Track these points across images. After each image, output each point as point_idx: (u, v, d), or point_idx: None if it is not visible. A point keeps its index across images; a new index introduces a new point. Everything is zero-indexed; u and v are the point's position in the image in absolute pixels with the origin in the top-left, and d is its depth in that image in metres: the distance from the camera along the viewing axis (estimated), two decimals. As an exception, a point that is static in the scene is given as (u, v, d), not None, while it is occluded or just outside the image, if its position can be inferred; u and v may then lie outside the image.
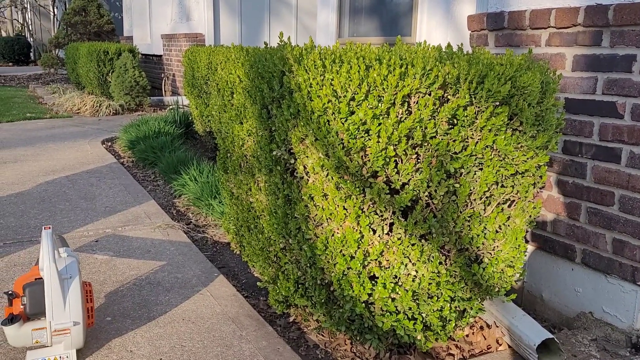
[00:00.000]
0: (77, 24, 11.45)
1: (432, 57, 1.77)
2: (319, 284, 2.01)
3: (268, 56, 2.19)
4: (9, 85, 12.18)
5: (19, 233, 3.11)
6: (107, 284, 2.51)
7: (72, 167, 4.68)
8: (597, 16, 2.10)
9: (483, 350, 2.12)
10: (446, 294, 1.86)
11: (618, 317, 2.16)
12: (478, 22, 2.63)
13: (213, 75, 3.65)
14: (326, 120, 1.77)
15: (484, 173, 1.79)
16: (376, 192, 1.74)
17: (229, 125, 2.73)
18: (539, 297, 2.49)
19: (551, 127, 1.90)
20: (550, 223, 2.40)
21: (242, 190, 2.64)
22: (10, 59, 20.67)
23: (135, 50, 8.11)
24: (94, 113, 7.80)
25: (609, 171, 2.13)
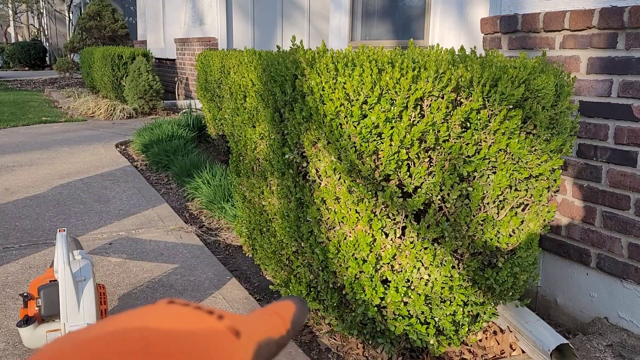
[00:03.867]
0: (91, 28, 11.57)
1: (445, 60, 1.77)
2: (331, 288, 2.01)
3: (280, 60, 2.19)
4: (25, 89, 12.34)
5: (34, 235, 3.14)
6: (120, 286, 2.53)
7: (86, 171, 4.72)
8: (612, 18, 2.08)
9: (496, 355, 2.10)
10: (459, 298, 1.85)
11: (634, 322, 2.13)
12: (491, 25, 2.62)
13: (226, 79, 3.67)
14: (338, 124, 1.77)
15: (497, 177, 1.78)
16: (388, 195, 1.74)
17: (242, 129, 2.74)
18: (553, 302, 2.47)
19: (565, 130, 1.88)
20: (564, 227, 2.38)
21: (254, 193, 2.65)
22: (26, 63, 20.94)
23: (149, 55, 8.18)
24: (108, 117, 7.87)
25: (624, 175, 2.11)
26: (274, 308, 0.34)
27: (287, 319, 0.34)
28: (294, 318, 0.34)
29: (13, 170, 4.68)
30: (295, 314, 0.34)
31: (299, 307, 0.35)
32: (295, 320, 0.34)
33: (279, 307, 0.34)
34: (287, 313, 0.34)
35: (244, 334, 0.29)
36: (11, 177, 4.43)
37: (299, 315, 0.35)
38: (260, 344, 0.30)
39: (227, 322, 0.29)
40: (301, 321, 0.35)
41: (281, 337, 0.32)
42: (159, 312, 0.28)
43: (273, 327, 0.32)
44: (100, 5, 11.74)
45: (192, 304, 0.29)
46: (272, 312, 0.33)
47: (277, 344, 0.32)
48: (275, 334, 0.32)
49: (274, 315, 0.33)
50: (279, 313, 0.34)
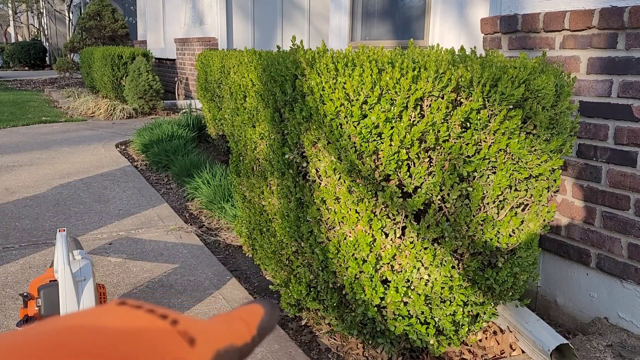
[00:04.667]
0: (91, 28, 11.58)
1: (445, 60, 1.77)
2: (331, 288, 2.01)
3: (280, 60, 2.19)
4: (25, 89, 12.34)
5: (34, 235, 3.14)
6: (120, 286, 2.53)
7: (86, 171, 4.72)
8: (612, 18, 2.08)
9: (496, 355, 2.10)
10: (459, 299, 1.85)
11: (634, 322, 2.13)
12: (491, 25, 2.62)
13: (226, 79, 3.67)
14: (338, 124, 1.77)
15: (497, 177, 1.78)
16: (388, 195, 1.74)
17: (242, 129, 2.74)
18: (553, 302, 2.47)
19: (565, 130, 1.88)
20: (564, 227, 2.38)
21: (254, 193, 2.65)
22: (26, 63, 20.94)
23: (149, 55, 8.18)
24: (108, 117, 7.87)
25: (624, 175, 2.11)
26: (240, 312, 0.32)
27: (253, 325, 0.31)
28: (261, 323, 0.32)
29: (13, 170, 4.68)
30: (262, 319, 0.32)
31: (267, 312, 0.33)
32: (262, 325, 0.32)
33: (245, 311, 0.32)
34: (253, 318, 0.32)
35: (200, 341, 0.27)
36: (11, 177, 4.42)
37: (267, 321, 0.32)
38: (219, 351, 0.28)
39: (181, 328, 0.27)
40: (269, 327, 0.33)
41: (245, 345, 0.30)
42: (107, 312, 0.27)
43: (236, 333, 0.30)
44: (100, 5, 11.75)
45: (146, 305, 0.27)
46: (237, 317, 0.31)
47: (239, 352, 0.30)
48: (238, 341, 0.30)
49: (238, 320, 0.31)
50: (245, 318, 0.32)
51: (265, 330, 0.32)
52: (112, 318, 0.26)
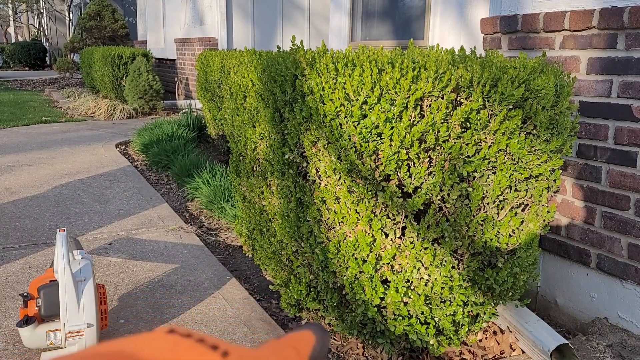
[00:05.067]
0: (92, 28, 11.58)
1: (445, 61, 1.77)
2: (331, 288, 2.01)
3: (281, 60, 2.19)
4: (25, 89, 12.34)
5: (34, 235, 3.14)
6: (120, 286, 2.53)
7: (86, 171, 4.72)
8: (612, 19, 2.08)
9: (496, 355, 2.10)
10: (459, 299, 1.85)
11: (634, 322, 2.13)
12: (491, 25, 2.62)
13: (226, 79, 3.67)
14: (338, 124, 1.77)
15: (497, 177, 1.78)
16: (388, 195, 1.74)
17: (242, 129, 2.74)
18: (553, 302, 2.47)
19: (565, 130, 1.89)
20: (564, 227, 2.38)
21: (254, 193, 2.65)
22: (26, 63, 20.94)
23: (149, 55, 8.18)
24: (108, 117, 7.87)
25: (624, 175, 2.11)
26: (290, 340, 0.31)
27: (304, 354, 0.30)
28: (313, 352, 0.30)
29: (13, 170, 4.68)
30: (314, 348, 0.30)
31: (319, 340, 0.31)
32: (313, 355, 0.30)
33: (296, 339, 0.31)
34: (305, 346, 0.30)
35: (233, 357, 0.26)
36: (11, 177, 4.43)
37: (318, 350, 0.30)
38: None
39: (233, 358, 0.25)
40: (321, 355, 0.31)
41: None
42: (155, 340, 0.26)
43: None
44: (101, 5, 11.75)
45: (195, 334, 0.26)
46: (287, 345, 0.30)
47: None
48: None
49: (290, 349, 0.30)
50: (296, 346, 0.30)
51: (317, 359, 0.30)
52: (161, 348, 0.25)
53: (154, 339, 0.26)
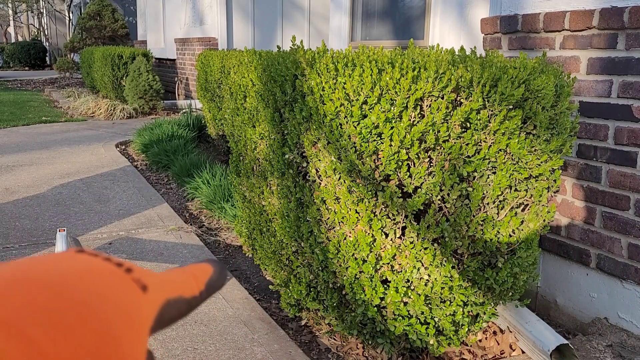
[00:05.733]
0: (91, 28, 11.58)
1: (445, 61, 1.77)
2: (331, 288, 2.01)
3: (281, 60, 2.19)
4: (25, 89, 12.34)
5: (34, 235, 3.14)
6: (120, 286, 2.53)
7: (86, 170, 4.72)
8: (612, 19, 2.08)
9: (496, 355, 2.10)
10: (459, 299, 1.85)
11: (634, 323, 2.13)
12: (491, 25, 2.62)
13: (226, 79, 3.67)
14: (338, 124, 1.77)
15: (497, 177, 1.78)
16: (388, 195, 1.74)
17: (242, 129, 2.74)
18: (553, 302, 2.47)
19: (565, 130, 1.89)
20: (564, 227, 2.38)
21: (254, 193, 2.65)
22: (26, 63, 20.94)
23: (149, 55, 8.18)
24: (108, 116, 7.87)
25: (624, 175, 2.11)
26: (191, 269, 0.34)
27: (202, 281, 0.34)
28: (210, 281, 0.34)
29: (13, 170, 4.68)
30: (211, 277, 0.34)
31: (216, 272, 0.35)
32: (210, 283, 0.34)
33: (195, 268, 0.35)
34: (203, 275, 0.34)
35: (151, 289, 0.29)
36: (11, 177, 4.43)
37: (215, 280, 0.35)
38: (169, 300, 0.30)
39: (135, 275, 0.29)
40: (217, 285, 0.35)
41: (193, 298, 0.33)
42: (67, 256, 0.28)
43: (186, 287, 0.33)
44: (100, 5, 11.75)
45: (102, 254, 0.29)
46: (188, 273, 0.34)
47: (188, 304, 0.32)
48: (187, 294, 0.32)
49: (189, 275, 0.33)
50: (195, 274, 0.34)
51: (213, 287, 0.34)
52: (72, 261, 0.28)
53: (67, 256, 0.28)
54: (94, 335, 0.25)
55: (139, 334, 0.27)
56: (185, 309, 0.32)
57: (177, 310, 0.31)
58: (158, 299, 0.30)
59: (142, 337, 0.28)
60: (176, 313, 0.31)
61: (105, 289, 0.27)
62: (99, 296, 0.26)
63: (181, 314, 0.32)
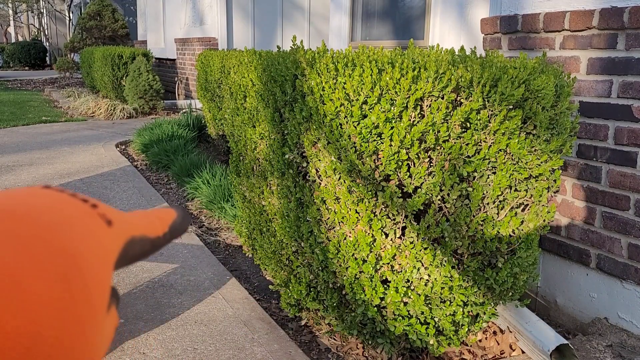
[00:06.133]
0: (92, 28, 11.58)
1: (445, 61, 1.77)
2: (331, 288, 2.01)
3: (281, 60, 2.19)
4: (25, 89, 12.34)
5: (34, 235, 3.14)
6: (120, 286, 2.53)
7: (86, 170, 4.72)
8: (612, 19, 2.08)
9: (496, 355, 2.10)
10: (459, 299, 1.85)
11: (634, 323, 2.13)
12: (491, 25, 2.62)
13: (226, 79, 3.67)
14: (338, 124, 1.77)
15: (497, 177, 1.78)
16: (388, 195, 1.74)
17: (242, 129, 2.74)
18: (553, 302, 2.47)
19: (565, 130, 1.89)
20: (564, 227, 2.38)
21: (254, 193, 2.65)
22: (26, 63, 20.94)
23: (149, 55, 8.18)
24: (108, 116, 7.87)
25: (624, 175, 2.11)
26: (155, 212, 0.36)
27: (166, 223, 0.35)
28: (173, 224, 0.36)
29: (13, 170, 4.68)
30: (175, 221, 0.36)
31: (180, 216, 0.37)
32: (174, 226, 0.36)
33: (160, 212, 0.36)
34: (167, 218, 0.36)
35: (116, 225, 0.30)
36: (11, 177, 4.43)
37: (178, 223, 0.36)
38: (134, 237, 0.32)
39: (100, 211, 0.30)
40: (180, 229, 0.36)
41: (157, 238, 0.34)
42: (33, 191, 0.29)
43: (151, 227, 0.34)
44: (101, 5, 11.75)
45: (68, 190, 0.30)
46: (152, 215, 0.35)
47: (152, 244, 0.34)
48: (151, 234, 0.34)
49: (153, 217, 0.35)
50: (160, 217, 0.35)
51: (176, 230, 0.36)
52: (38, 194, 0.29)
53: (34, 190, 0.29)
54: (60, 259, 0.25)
55: (104, 265, 0.28)
56: (149, 248, 0.33)
57: (141, 249, 0.33)
58: (122, 235, 0.31)
59: (106, 268, 0.28)
60: (140, 251, 0.33)
61: (71, 219, 0.27)
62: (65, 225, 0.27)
63: (145, 252, 0.33)
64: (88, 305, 0.26)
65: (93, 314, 0.26)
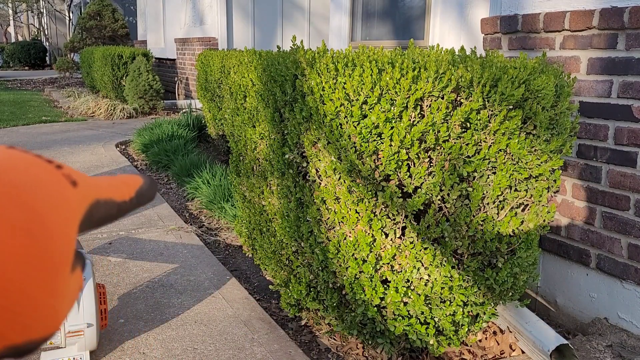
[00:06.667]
0: (92, 28, 11.58)
1: (445, 61, 1.77)
2: (331, 288, 2.01)
3: (281, 60, 2.19)
4: (25, 88, 12.34)
5: (34, 235, 3.14)
6: (120, 286, 2.53)
7: (86, 170, 4.72)
8: (612, 19, 2.08)
9: (496, 355, 2.10)
10: (459, 299, 1.85)
11: (634, 323, 2.13)
12: (491, 25, 2.62)
13: (226, 79, 3.67)
14: (338, 124, 1.77)
15: (497, 177, 1.78)
16: (388, 195, 1.74)
17: (242, 129, 2.74)
18: (553, 303, 2.47)
19: (565, 130, 1.89)
20: (564, 228, 2.38)
21: (254, 193, 2.65)
22: (26, 63, 20.94)
23: (149, 54, 8.17)
24: (108, 116, 7.87)
25: (624, 175, 2.11)
26: (122, 177, 0.36)
27: (132, 189, 0.36)
28: (140, 190, 0.36)
29: (13, 169, 4.67)
30: (142, 187, 0.37)
31: (146, 182, 0.37)
32: (140, 192, 0.36)
33: (127, 177, 0.37)
34: (134, 184, 0.36)
35: (81, 186, 0.31)
36: (11, 177, 4.42)
37: (145, 189, 0.37)
38: (99, 200, 0.32)
39: (65, 171, 0.30)
40: (147, 195, 0.37)
41: (123, 202, 0.34)
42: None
43: (117, 191, 0.34)
44: (101, 5, 11.75)
45: (33, 152, 0.30)
46: (119, 180, 0.36)
47: (118, 208, 0.34)
48: (117, 198, 0.34)
49: (120, 182, 0.35)
50: (126, 182, 0.36)
51: (143, 196, 0.37)
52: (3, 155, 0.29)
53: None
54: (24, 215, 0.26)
55: (68, 224, 0.28)
56: (115, 212, 0.34)
57: (107, 212, 0.33)
58: (88, 196, 0.31)
59: (70, 227, 0.29)
60: (106, 214, 0.33)
61: (36, 177, 0.28)
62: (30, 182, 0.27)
63: (111, 216, 0.34)
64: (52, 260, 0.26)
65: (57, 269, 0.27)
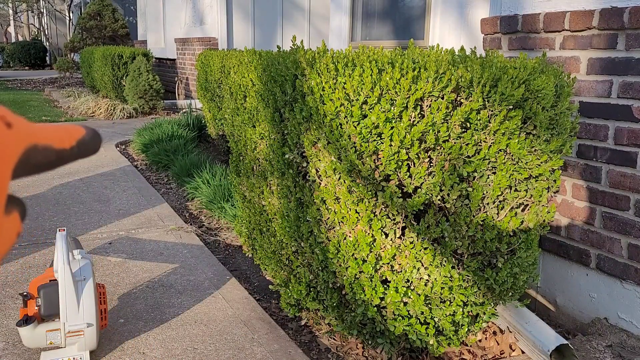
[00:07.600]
0: (92, 28, 11.58)
1: (445, 61, 1.77)
2: (331, 288, 2.01)
3: (281, 60, 2.20)
4: (25, 88, 12.34)
5: (34, 235, 3.14)
6: (120, 286, 2.53)
7: (86, 170, 4.72)
8: (612, 19, 2.08)
9: (496, 355, 2.10)
10: (459, 299, 1.85)
11: (634, 323, 2.13)
12: (491, 26, 2.62)
13: (226, 79, 3.67)
14: (338, 124, 1.77)
15: (497, 177, 1.78)
16: (388, 195, 1.74)
17: (242, 129, 2.74)
18: (553, 303, 2.47)
19: (565, 130, 1.89)
20: (564, 228, 2.38)
21: (254, 193, 2.65)
22: (26, 63, 20.93)
23: (149, 54, 8.17)
24: (108, 116, 7.87)
25: (624, 175, 2.11)
26: (66, 126, 0.36)
27: (74, 137, 0.36)
28: (82, 139, 0.36)
29: (13, 169, 4.67)
30: (84, 137, 0.37)
31: (89, 133, 0.37)
32: (82, 141, 0.36)
33: (70, 126, 0.37)
34: (76, 133, 0.36)
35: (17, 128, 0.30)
36: (11, 177, 4.42)
37: (88, 140, 0.37)
38: (37, 145, 0.32)
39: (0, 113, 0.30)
40: (90, 146, 0.37)
41: (63, 150, 0.34)
42: None
43: (57, 139, 0.34)
44: (101, 5, 11.75)
45: None
46: (61, 128, 0.36)
47: (57, 155, 0.34)
48: (57, 145, 0.34)
49: (62, 130, 0.35)
50: (69, 130, 0.36)
51: (85, 146, 0.37)
52: None
53: None
54: None
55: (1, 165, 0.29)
56: (54, 159, 0.34)
57: (46, 158, 0.33)
58: (24, 139, 0.31)
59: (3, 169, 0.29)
60: (44, 160, 0.33)
61: None
62: None
63: (50, 163, 0.34)
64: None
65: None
